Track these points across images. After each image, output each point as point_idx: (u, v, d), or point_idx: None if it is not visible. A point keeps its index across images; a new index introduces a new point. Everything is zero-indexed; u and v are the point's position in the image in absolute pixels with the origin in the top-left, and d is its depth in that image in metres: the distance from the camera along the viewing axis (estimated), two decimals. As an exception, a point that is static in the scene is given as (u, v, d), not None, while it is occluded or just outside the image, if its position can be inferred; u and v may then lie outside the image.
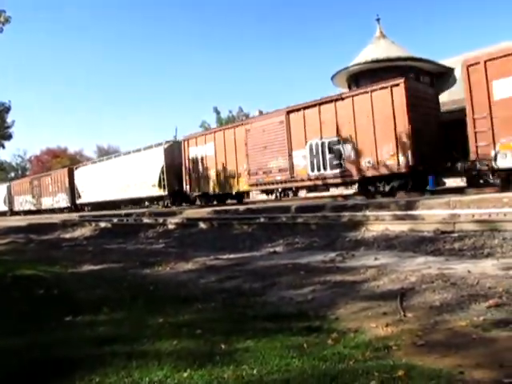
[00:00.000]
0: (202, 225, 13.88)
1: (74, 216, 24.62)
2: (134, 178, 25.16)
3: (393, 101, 13.66)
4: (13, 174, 73.04)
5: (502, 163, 11.29)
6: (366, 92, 14.47)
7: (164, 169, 22.89)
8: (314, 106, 15.94)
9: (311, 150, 15.95)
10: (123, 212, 22.41)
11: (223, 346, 3.45)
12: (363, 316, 4.26)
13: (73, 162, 54.51)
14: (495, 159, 11.33)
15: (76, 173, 31.86)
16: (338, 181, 15.46)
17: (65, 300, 5.62)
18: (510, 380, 2.64)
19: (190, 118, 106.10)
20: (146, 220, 17.74)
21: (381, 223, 9.52)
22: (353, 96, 14.92)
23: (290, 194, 17.99)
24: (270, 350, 3.34)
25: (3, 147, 23.78)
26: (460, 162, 13.31)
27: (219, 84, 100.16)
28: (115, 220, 19.20)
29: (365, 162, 14.38)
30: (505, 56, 11.36)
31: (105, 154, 58.14)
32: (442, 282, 4.99)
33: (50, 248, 13.60)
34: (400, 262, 6.60)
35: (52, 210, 33.33)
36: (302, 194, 19.20)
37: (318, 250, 8.68)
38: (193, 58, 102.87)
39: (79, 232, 18.02)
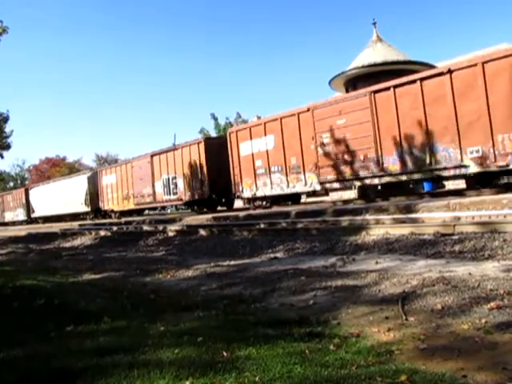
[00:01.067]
0: (202, 232, 13.86)
1: (74, 225, 24.67)
2: (70, 197, 33.08)
3: (199, 153, 21.32)
4: (12, 184, 73.11)
5: (246, 194, 19.09)
6: (186, 146, 22.51)
7: (87, 191, 30.96)
8: (166, 152, 24.06)
9: (163, 182, 24.18)
10: (123, 220, 22.42)
11: (225, 354, 3.43)
12: (365, 321, 4.25)
13: (71, 170, 54.64)
14: (242, 192, 19.16)
15: (31, 192, 39.49)
16: (177, 202, 24.38)
17: (65, 310, 5.59)
18: (513, 383, 2.63)
19: (189, 124, 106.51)
20: (145, 227, 17.72)
21: (381, 227, 9.52)
22: (182, 147, 22.81)
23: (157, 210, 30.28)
24: (271, 356, 3.32)
25: (2, 157, 23.80)
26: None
27: (218, 90, 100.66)
28: (115, 228, 19.17)
29: (190, 191, 22.18)
30: (245, 129, 19.21)
31: (104, 162, 58.26)
32: (443, 285, 4.97)
33: (50, 257, 13.55)
34: (401, 266, 6.58)
35: (13, 223, 41.23)
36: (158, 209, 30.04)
37: (318, 254, 8.67)
38: (192, 64, 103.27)
39: (79, 241, 17.97)
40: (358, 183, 15.16)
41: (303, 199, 20.07)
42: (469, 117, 12.06)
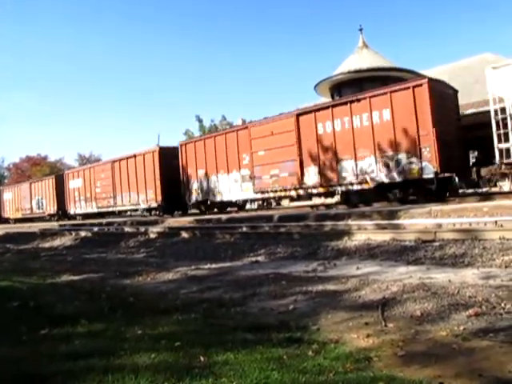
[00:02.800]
0: (184, 234, 13.77)
1: (54, 225, 24.35)
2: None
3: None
4: (-10, 182, 71.90)
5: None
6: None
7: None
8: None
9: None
10: (104, 221, 22.20)
11: (202, 359, 3.38)
12: (344, 326, 4.24)
13: (53, 170, 53.90)
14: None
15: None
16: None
17: (41, 312, 5.46)
18: (490, 390, 2.63)
19: (174, 125, 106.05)
20: (127, 229, 17.55)
21: (363, 232, 9.55)
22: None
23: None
24: (249, 362, 3.28)
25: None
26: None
27: (204, 92, 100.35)
28: (96, 229, 18.95)
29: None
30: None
31: (86, 162, 57.61)
32: (423, 292, 5.00)
33: (27, 258, 13.33)
34: (382, 272, 6.61)
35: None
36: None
37: (300, 259, 8.66)
38: (178, 65, 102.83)
39: (59, 241, 17.72)
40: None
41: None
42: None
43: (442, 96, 13.74)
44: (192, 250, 11.33)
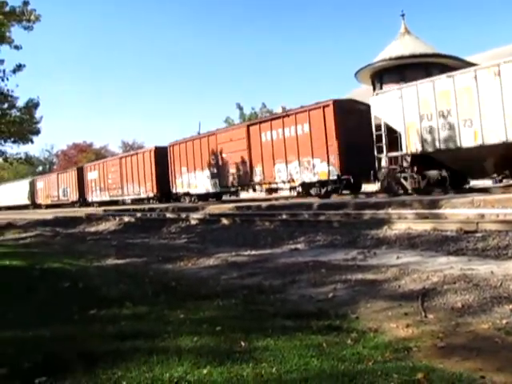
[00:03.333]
0: (224, 221, 13.95)
1: (99, 210, 25.17)
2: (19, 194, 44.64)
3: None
4: (41, 168, 74.66)
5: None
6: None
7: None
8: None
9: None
10: (147, 207, 22.73)
11: (243, 344, 3.48)
12: (384, 316, 4.25)
13: (98, 156, 55.35)
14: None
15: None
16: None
17: (89, 293, 5.74)
18: (532, 385, 2.61)
19: (214, 113, 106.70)
20: (168, 215, 17.91)
21: (403, 222, 9.43)
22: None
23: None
24: (289, 348, 3.35)
25: (32, 142, 24.23)
26: None
27: (243, 80, 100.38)
28: (139, 215, 19.44)
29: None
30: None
31: (130, 149, 58.85)
32: (465, 283, 4.92)
33: (75, 241, 13.88)
34: (422, 262, 6.53)
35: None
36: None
37: (339, 247, 8.66)
38: (217, 54, 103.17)
39: (103, 226, 18.30)
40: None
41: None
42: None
43: (351, 112, 16.20)
44: (232, 236, 11.49)
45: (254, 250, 9.14)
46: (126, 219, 18.76)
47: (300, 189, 17.79)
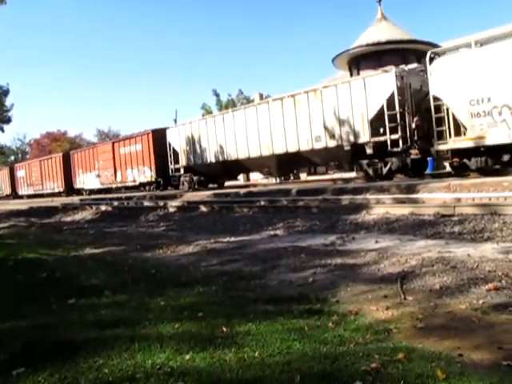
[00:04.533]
0: (203, 208, 13.91)
1: (75, 199, 24.82)
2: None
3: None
4: (13, 158, 73.01)
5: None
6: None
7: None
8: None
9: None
10: (124, 195, 22.51)
11: (224, 329, 3.48)
12: (364, 299, 4.29)
13: (72, 145, 54.46)
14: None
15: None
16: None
17: (67, 283, 5.65)
18: (509, 362, 2.68)
19: (190, 100, 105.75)
20: (146, 203, 17.77)
21: (381, 206, 9.54)
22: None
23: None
24: (271, 332, 3.36)
25: (2, 131, 23.82)
26: None
27: (221, 67, 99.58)
28: (116, 203, 19.22)
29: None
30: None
31: (105, 137, 58.03)
32: (442, 266, 5.01)
33: (51, 231, 13.65)
34: (400, 246, 6.63)
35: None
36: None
37: (318, 232, 8.72)
38: (193, 40, 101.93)
39: (80, 215, 18.05)
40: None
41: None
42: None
43: (163, 137, 23.50)
44: (211, 223, 11.46)
45: (233, 236, 9.14)
46: (103, 208, 18.53)
47: (138, 185, 26.10)
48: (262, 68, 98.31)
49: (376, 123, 14.10)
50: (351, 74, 23.23)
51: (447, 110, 12.51)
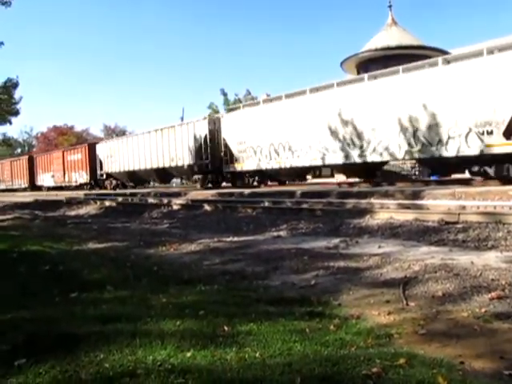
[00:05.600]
0: (207, 207, 13.91)
1: (80, 193, 24.89)
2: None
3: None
4: (19, 150, 73.34)
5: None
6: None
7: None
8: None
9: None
10: (128, 191, 22.55)
11: (226, 328, 3.48)
12: (365, 303, 4.29)
13: (79, 140, 54.62)
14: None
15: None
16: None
17: (70, 277, 5.67)
18: (510, 371, 2.66)
19: (197, 99, 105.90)
20: (150, 200, 17.79)
21: (386, 211, 9.52)
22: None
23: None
24: (272, 333, 3.36)
25: (10, 123, 23.83)
26: None
27: (228, 67, 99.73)
28: (120, 199, 19.26)
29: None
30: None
31: (111, 133, 58.16)
32: (445, 273, 4.99)
33: (55, 225, 13.68)
34: (404, 251, 6.61)
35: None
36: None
37: (322, 235, 8.70)
38: (202, 40, 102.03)
39: (84, 210, 18.10)
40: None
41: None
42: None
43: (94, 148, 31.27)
44: (214, 222, 11.47)
45: (237, 236, 9.13)
46: (108, 203, 18.57)
47: (79, 185, 32.35)
48: (270, 69, 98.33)
49: (200, 152, 21.71)
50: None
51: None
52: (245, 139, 19.78)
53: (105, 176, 30.04)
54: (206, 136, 21.36)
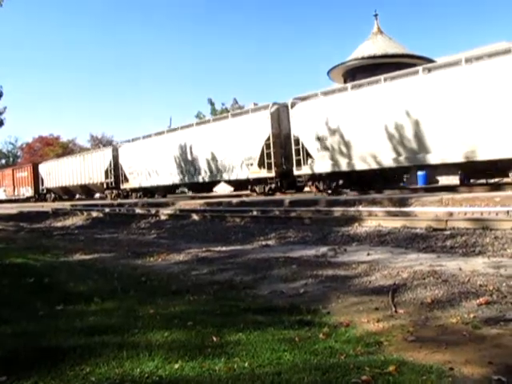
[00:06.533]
0: (195, 216, 13.86)
1: (66, 205, 24.66)
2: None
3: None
4: (3, 161, 72.56)
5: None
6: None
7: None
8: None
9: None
10: (116, 202, 22.39)
11: (214, 339, 3.44)
12: (355, 311, 4.27)
13: (65, 150, 54.20)
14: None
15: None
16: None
17: (55, 289, 5.58)
18: (499, 377, 2.66)
19: (184, 108, 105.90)
20: (138, 210, 17.68)
21: (374, 219, 9.55)
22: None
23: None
24: (261, 343, 3.33)
25: (-6, 133, 23.50)
26: None
27: (216, 76, 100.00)
28: (107, 210, 19.11)
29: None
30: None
31: (98, 143, 57.84)
32: (434, 279, 5.01)
33: (40, 236, 13.50)
34: (392, 258, 6.62)
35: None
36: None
37: (310, 244, 8.69)
38: (189, 49, 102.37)
39: (71, 221, 17.92)
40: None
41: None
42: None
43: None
44: (202, 232, 11.41)
45: (225, 245, 9.10)
46: (95, 214, 18.42)
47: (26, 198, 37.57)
48: (257, 78, 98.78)
49: (107, 173, 28.45)
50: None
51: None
52: (132, 165, 26.77)
53: (45, 190, 36.73)
54: (110, 161, 28.38)
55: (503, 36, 49.53)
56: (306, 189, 18.66)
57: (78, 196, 37.17)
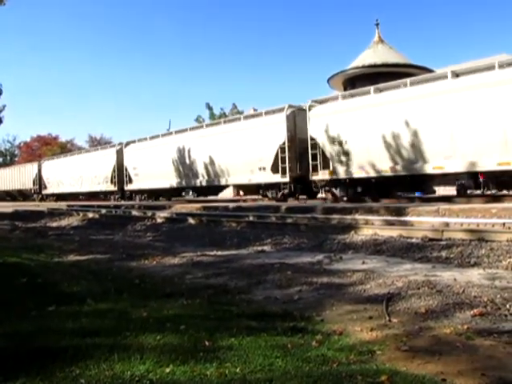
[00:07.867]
0: (191, 220, 13.83)
1: (62, 205, 24.60)
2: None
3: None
4: (1, 160, 72.39)
5: None
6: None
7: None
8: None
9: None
10: (112, 204, 22.35)
11: (207, 343, 3.42)
12: (348, 319, 4.25)
13: (63, 150, 54.10)
14: None
15: None
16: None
17: (48, 290, 5.54)
18: (492, 389, 2.65)
19: (185, 111, 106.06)
20: (134, 212, 17.64)
21: (370, 227, 9.54)
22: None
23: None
24: (253, 348, 3.31)
25: (-8, 132, 23.43)
26: None
27: (216, 79, 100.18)
28: (103, 211, 19.06)
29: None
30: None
31: (97, 143, 57.77)
32: (428, 289, 4.99)
33: (35, 236, 13.45)
34: (387, 267, 6.60)
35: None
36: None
37: (306, 250, 8.67)
38: (189, 53, 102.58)
39: (66, 221, 17.86)
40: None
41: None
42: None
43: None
44: (198, 236, 11.38)
45: (220, 250, 9.07)
46: (90, 215, 18.37)
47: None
48: (257, 83, 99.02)
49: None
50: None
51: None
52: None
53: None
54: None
55: (503, 48, 49.87)
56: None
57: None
